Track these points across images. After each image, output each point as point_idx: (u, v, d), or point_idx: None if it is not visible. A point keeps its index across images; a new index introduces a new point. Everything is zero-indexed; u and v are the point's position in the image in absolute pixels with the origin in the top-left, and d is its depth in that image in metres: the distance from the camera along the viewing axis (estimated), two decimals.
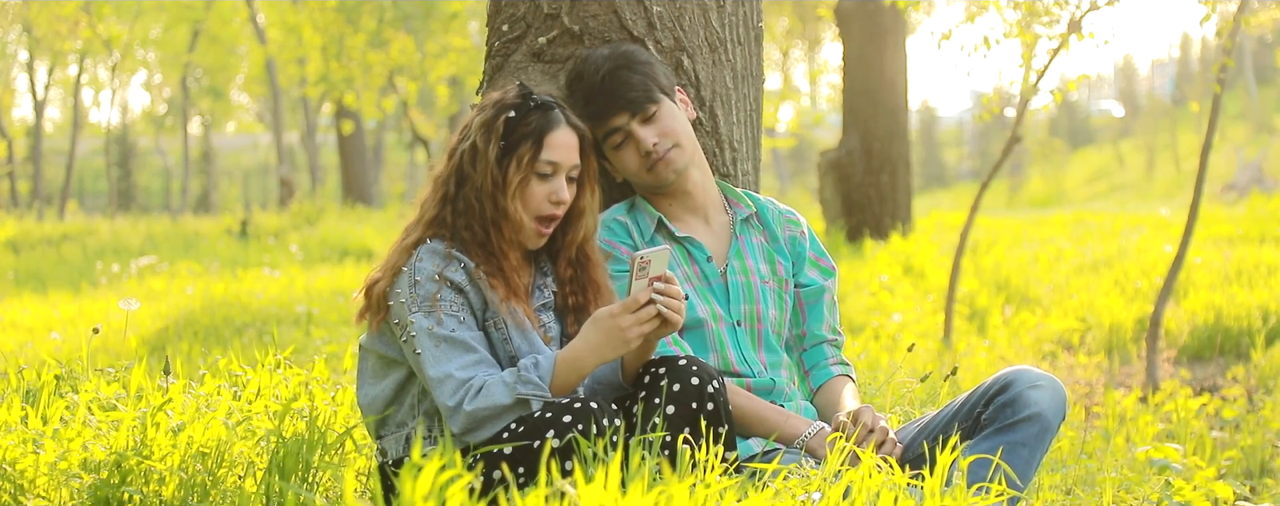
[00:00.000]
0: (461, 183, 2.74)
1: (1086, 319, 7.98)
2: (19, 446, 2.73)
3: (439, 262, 2.68)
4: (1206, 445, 5.10)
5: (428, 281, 2.66)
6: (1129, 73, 55.06)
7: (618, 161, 3.08)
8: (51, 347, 7.19)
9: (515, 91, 2.79)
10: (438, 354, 2.63)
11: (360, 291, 2.75)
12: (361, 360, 2.81)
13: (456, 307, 2.67)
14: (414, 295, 2.65)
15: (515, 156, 2.74)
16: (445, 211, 2.74)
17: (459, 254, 2.70)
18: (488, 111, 2.77)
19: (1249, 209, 14.09)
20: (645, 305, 2.58)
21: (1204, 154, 6.64)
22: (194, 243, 17.48)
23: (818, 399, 3.13)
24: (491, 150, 2.73)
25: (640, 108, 3.01)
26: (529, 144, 2.75)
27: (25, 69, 36.53)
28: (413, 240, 2.73)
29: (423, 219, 2.76)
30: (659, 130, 3.02)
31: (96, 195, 44.68)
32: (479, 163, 2.73)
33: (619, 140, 3.03)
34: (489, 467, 2.55)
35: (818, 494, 2.39)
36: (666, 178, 3.05)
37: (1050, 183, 35.34)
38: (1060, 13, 7.44)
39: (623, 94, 2.99)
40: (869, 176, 12.77)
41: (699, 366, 2.65)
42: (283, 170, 28.53)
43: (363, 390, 2.79)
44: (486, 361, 2.65)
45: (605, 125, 3.02)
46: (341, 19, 18.50)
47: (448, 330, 2.64)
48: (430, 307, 2.65)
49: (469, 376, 2.61)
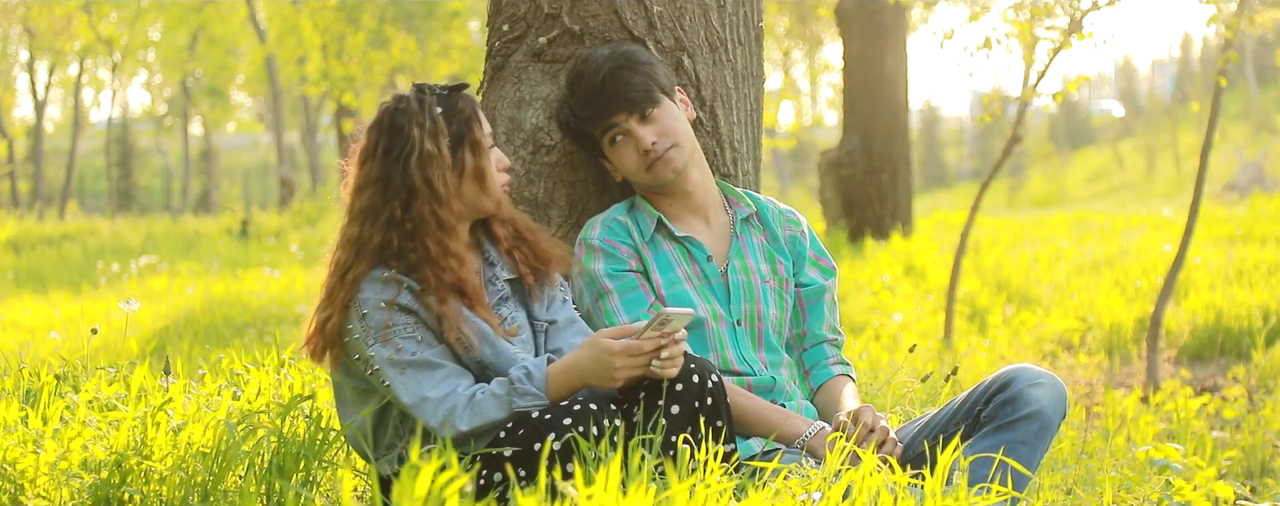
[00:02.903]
0: (411, 199, 2.66)
1: (1087, 319, 7.98)
2: (19, 446, 2.73)
3: (380, 289, 2.64)
4: (1207, 445, 5.09)
5: (375, 311, 2.62)
6: (1129, 73, 55.05)
7: (617, 160, 3.08)
8: (51, 347, 7.19)
9: (407, 96, 2.73)
10: (406, 380, 2.61)
11: (313, 329, 2.69)
12: (337, 390, 2.78)
13: (411, 330, 2.63)
14: (366, 327, 2.62)
15: (469, 142, 2.72)
16: (391, 235, 2.66)
17: (402, 276, 2.65)
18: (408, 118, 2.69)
19: (1249, 209, 14.09)
20: (644, 354, 2.56)
21: (1204, 154, 6.64)
22: (194, 243, 17.49)
23: (818, 398, 3.13)
24: (444, 149, 2.68)
25: (639, 107, 3.01)
26: (474, 125, 2.74)
27: (26, 69, 36.55)
28: (358, 273, 2.66)
29: (365, 248, 2.67)
30: (658, 130, 3.02)
31: (97, 195, 44.68)
32: (434, 168, 2.66)
33: (618, 139, 3.04)
34: (490, 469, 2.54)
35: (818, 494, 2.38)
36: (665, 177, 3.05)
37: (1051, 183, 35.34)
38: (1061, 12, 7.44)
39: (623, 94, 3.00)
40: (869, 176, 12.77)
41: (697, 362, 2.64)
42: (283, 170, 28.53)
43: (345, 419, 2.77)
44: (456, 373, 2.64)
45: (605, 124, 3.03)
46: (342, 18, 18.50)
47: (408, 355, 2.61)
48: (386, 337, 2.61)
49: (445, 393, 2.60)
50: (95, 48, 29.90)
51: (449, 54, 19.51)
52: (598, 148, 3.10)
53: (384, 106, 2.75)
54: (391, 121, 2.71)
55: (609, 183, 3.24)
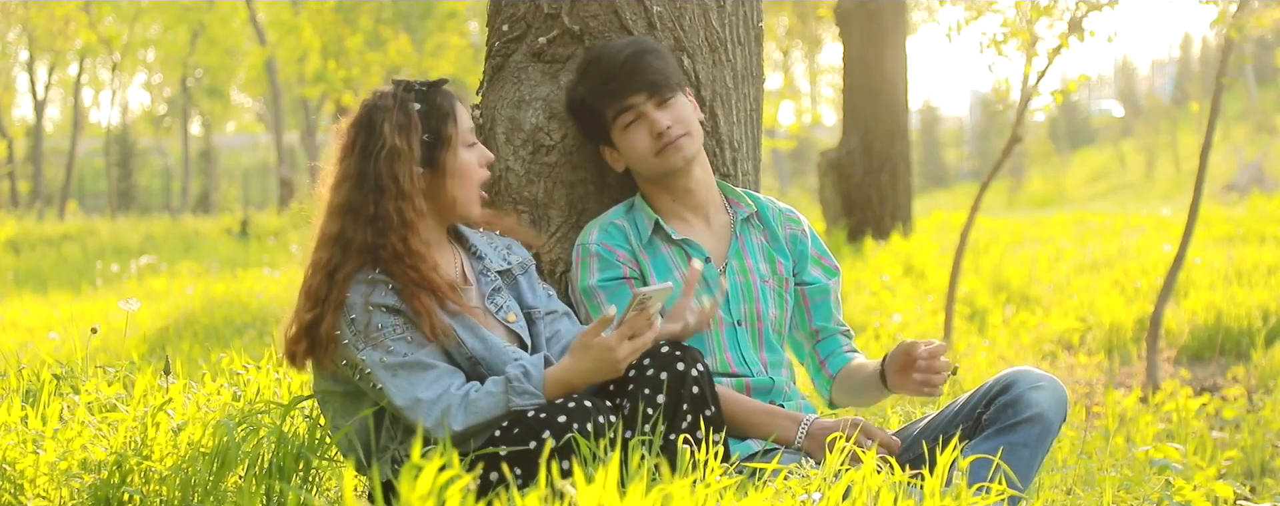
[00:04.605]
0: (381, 196, 2.65)
1: (1086, 319, 7.97)
2: (19, 446, 2.73)
3: (366, 291, 2.62)
4: (1207, 445, 5.09)
5: (361, 313, 2.61)
6: (1129, 73, 54.99)
7: (626, 143, 3.06)
8: (51, 347, 7.19)
9: (387, 91, 2.73)
10: (398, 382, 2.59)
11: (295, 332, 2.65)
12: (323, 404, 2.75)
13: (399, 330, 2.62)
14: (354, 331, 2.60)
15: (444, 140, 2.72)
16: (367, 233, 2.65)
17: (380, 276, 2.64)
18: (384, 115, 2.69)
19: (1249, 209, 14.08)
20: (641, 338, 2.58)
21: (1204, 154, 6.64)
22: (194, 243, 17.49)
23: (839, 380, 3.14)
24: (415, 146, 2.68)
25: (658, 90, 3.02)
26: (450, 121, 2.73)
27: (25, 69, 36.52)
28: (348, 272, 2.64)
29: (350, 246, 2.65)
30: (673, 116, 3.03)
31: (96, 195, 44.63)
32: (400, 164, 2.65)
33: (631, 120, 3.03)
34: (486, 468, 2.54)
35: (818, 494, 2.38)
36: (675, 163, 3.04)
37: (1050, 183, 35.33)
38: (1061, 13, 7.43)
39: (644, 75, 3.01)
40: (869, 176, 12.76)
41: (682, 351, 2.63)
42: (283, 170, 28.53)
43: (337, 428, 2.74)
44: (448, 372, 2.63)
45: (620, 104, 3.02)
46: (339, 19, 18.50)
47: (400, 356, 2.60)
48: (377, 340, 2.60)
49: (438, 393, 2.59)
50: (95, 48, 29.88)
51: (445, 54, 19.50)
52: (604, 133, 3.08)
53: (364, 102, 2.75)
54: (368, 118, 2.71)
55: (608, 183, 3.23)
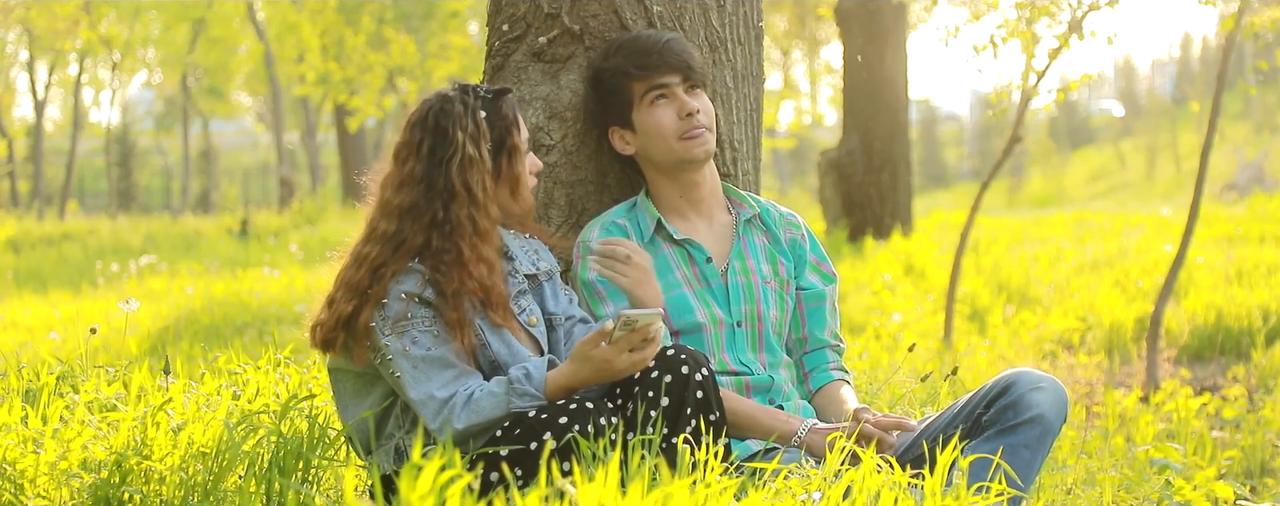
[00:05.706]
0: (450, 202, 2.66)
1: (1087, 318, 7.97)
2: (19, 446, 2.73)
3: (402, 279, 2.63)
4: (1207, 445, 5.09)
5: (395, 301, 2.61)
6: (1129, 73, 54.98)
7: (649, 122, 3.04)
8: (51, 347, 7.19)
9: (452, 95, 2.72)
10: (417, 375, 2.60)
11: (332, 322, 2.65)
12: (336, 384, 2.76)
13: (428, 323, 2.62)
14: (382, 316, 2.61)
15: (509, 148, 2.73)
16: (432, 236, 2.65)
17: (418, 266, 2.64)
18: (452, 120, 2.68)
19: (1249, 209, 14.08)
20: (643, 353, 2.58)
21: (1204, 153, 6.63)
22: (194, 242, 17.49)
23: (816, 400, 3.13)
24: (486, 154, 2.69)
25: (693, 76, 3.05)
26: (516, 130, 2.75)
27: (25, 68, 36.52)
28: (394, 270, 2.64)
29: (403, 247, 2.65)
30: (702, 105, 3.05)
31: (96, 195, 44.64)
32: (474, 172, 2.66)
33: (658, 96, 3.03)
34: (487, 468, 2.54)
35: (818, 494, 2.38)
36: (696, 154, 3.04)
37: (1051, 182, 35.32)
38: (1060, 13, 7.43)
39: (683, 59, 3.04)
40: (869, 176, 12.77)
41: (687, 354, 2.63)
42: (283, 170, 28.54)
43: (346, 414, 2.75)
44: (466, 374, 2.63)
45: (654, 80, 3.03)
46: (341, 20, 18.49)
47: (424, 349, 2.61)
48: (403, 329, 2.60)
49: (450, 394, 2.59)
50: (95, 47, 29.89)
51: (447, 55, 19.50)
52: (624, 111, 3.06)
53: (427, 103, 2.74)
54: (435, 121, 2.70)
55: (608, 183, 3.23)
